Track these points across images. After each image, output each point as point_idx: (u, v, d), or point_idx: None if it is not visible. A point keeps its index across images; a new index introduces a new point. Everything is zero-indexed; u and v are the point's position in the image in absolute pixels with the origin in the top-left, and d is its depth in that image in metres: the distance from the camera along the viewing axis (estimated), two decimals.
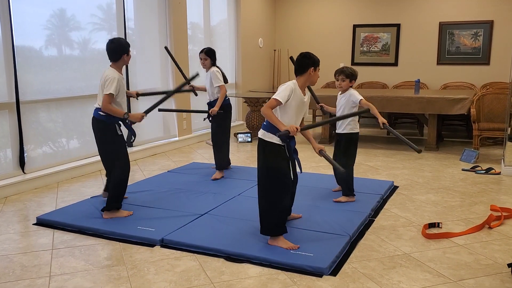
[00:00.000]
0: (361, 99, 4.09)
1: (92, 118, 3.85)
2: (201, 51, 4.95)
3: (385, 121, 4.05)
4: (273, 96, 3.13)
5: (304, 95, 3.26)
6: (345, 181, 4.25)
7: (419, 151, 3.62)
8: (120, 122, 3.83)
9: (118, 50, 3.76)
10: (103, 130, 3.80)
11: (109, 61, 3.81)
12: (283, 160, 3.21)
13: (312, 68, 3.22)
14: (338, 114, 4.26)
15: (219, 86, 4.89)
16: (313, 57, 3.24)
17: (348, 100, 4.18)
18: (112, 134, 3.78)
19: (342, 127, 4.22)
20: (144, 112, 3.89)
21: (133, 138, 4.03)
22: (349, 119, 4.18)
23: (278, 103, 3.11)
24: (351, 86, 4.23)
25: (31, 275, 2.88)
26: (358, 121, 9.22)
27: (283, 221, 3.27)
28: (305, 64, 3.22)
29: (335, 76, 4.24)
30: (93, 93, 5.52)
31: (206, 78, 5.01)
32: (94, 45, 5.74)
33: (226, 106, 5.01)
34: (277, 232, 3.22)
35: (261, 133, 3.24)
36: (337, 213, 3.84)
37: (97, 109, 3.79)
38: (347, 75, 4.14)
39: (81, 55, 5.58)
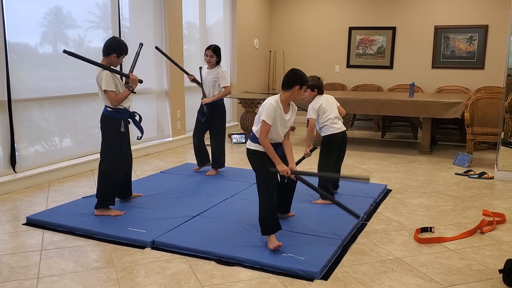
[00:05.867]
0: None
1: (101, 115, 3.88)
2: (209, 48, 5.05)
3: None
4: (261, 118, 3.17)
5: (287, 112, 3.30)
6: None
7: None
8: (129, 119, 3.90)
9: (111, 47, 3.81)
10: (108, 125, 3.83)
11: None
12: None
13: (298, 86, 3.23)
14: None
15: (225, 86, 5.06)
16: (301, 76, 3.25)
17: None
18: (114, 130, 3.80)
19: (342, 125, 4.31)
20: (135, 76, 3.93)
21: (140, 134, 4.01)
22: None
23: (269, 126, 3.17)
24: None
25: (19, 276, 2.85)
26: (353, 124, 9.25)
27: None
28: (292, 81, 3.23)
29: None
30: (87, 92, 5.49)
31: (207, 76, 5.10)
32: (89, 43, 5.69)
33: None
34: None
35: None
36: (329, 216, 3.82)
37: (106, 106, 3.84)
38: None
39: (76, 53, 5.53)
